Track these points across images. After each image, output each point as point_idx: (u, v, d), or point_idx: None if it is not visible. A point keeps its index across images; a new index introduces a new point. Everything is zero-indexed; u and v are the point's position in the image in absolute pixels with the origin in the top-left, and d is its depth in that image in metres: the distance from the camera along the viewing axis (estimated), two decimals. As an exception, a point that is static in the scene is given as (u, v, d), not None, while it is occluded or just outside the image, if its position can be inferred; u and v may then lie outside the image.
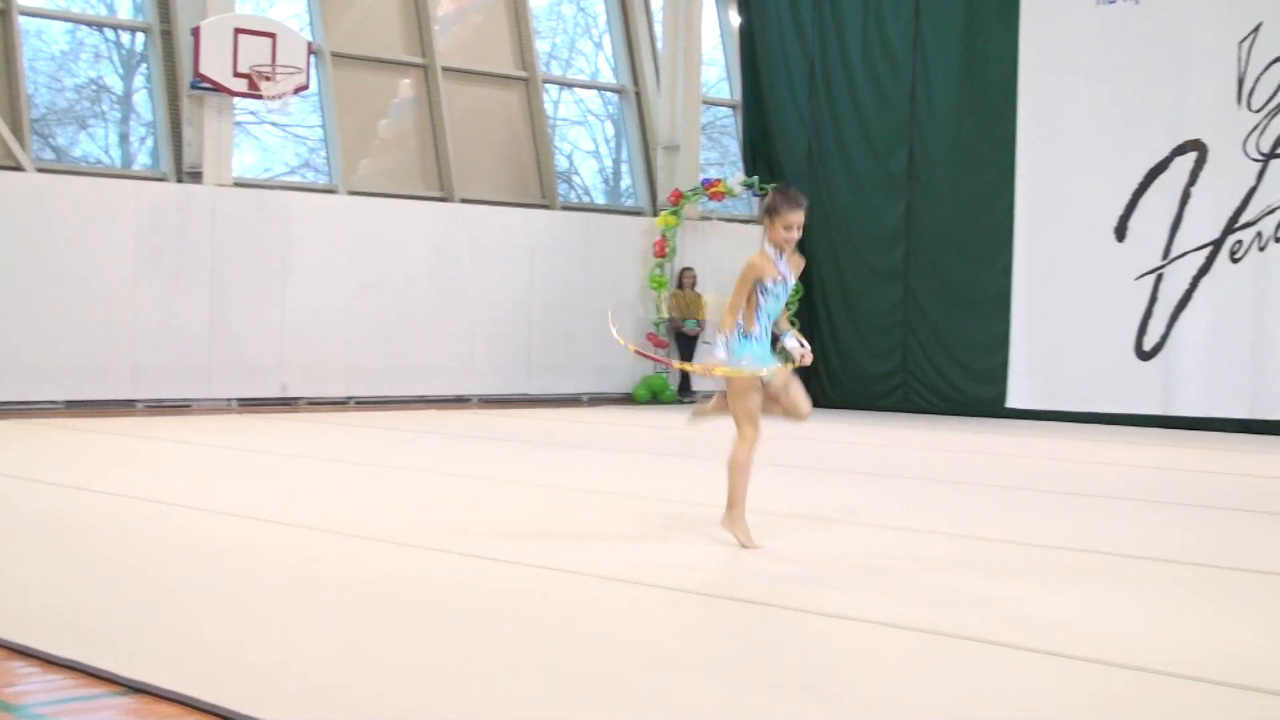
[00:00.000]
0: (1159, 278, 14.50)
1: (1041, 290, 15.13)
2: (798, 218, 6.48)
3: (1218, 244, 14.15)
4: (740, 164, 18.53)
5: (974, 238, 15.70)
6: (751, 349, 6.46)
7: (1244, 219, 13.96)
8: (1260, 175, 13.89)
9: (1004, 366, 15.37)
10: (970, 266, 15.75)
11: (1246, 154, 13.96)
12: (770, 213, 6.47)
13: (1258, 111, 13.91)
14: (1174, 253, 14.37)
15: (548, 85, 18.42)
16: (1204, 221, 14.22)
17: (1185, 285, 14.31)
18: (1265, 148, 13.87)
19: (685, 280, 17.83)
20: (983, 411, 15.50)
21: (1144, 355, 14.53)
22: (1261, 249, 13.89)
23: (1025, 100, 15.29)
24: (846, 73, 16.88)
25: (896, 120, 16.47)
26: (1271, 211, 13.84)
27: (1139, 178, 14.56)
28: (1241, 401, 13.91)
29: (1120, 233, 14.71)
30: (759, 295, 6.47)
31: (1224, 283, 14.08)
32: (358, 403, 16.10)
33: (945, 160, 16.06)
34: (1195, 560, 6.72)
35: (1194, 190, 14.27)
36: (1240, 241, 13.93)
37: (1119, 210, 14.69)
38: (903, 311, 16.42)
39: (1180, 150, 14.35)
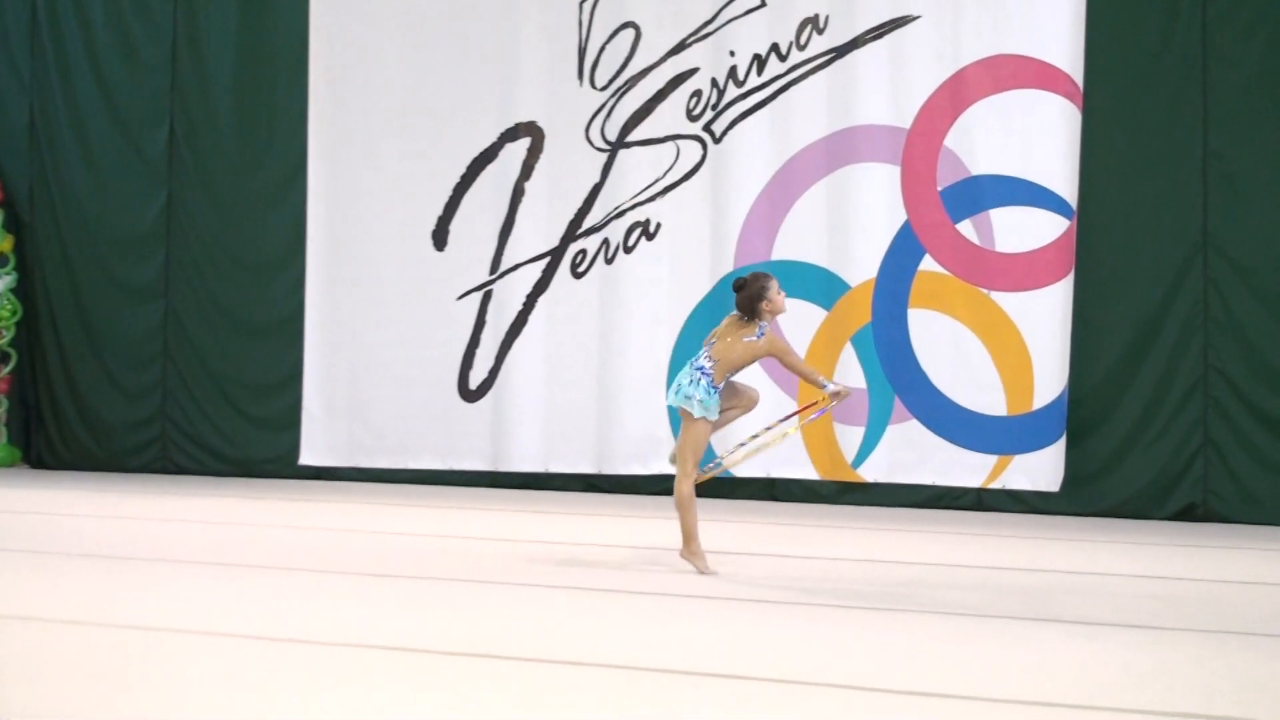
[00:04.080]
0: (487, 296, 13.86)
1: (343, 313, 14.24)
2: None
3: (557, 254, 13.65)
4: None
5: (257, 244, 14.64)
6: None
7: (588, 223, 13.54)
8: (606, 169, 13.47)
9: (296, 411, 14.37)
10: (252, 281, 14.68)
11: (590, 142, 13.51)
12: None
13: (602, 90, 13.50)
14: (505, 265, 13.81)
15: None
16: (540, 225, 13.72)
17: (519, 306, 13.77)
18: (612, 135, 13.43)
19: None
20: (269, 471, 14.51)
21: (470, 395, 13.93)
22: (609, 260, 13.43)
23: (318, 68, 14.35)
24: (82, 20, 15.34)
25: (153, 87, 15.09)
26: (620, 214, 13.40)
27: (461, 169, 13.92)
28: (585, 454, 13.57)
29: (439, 239, 13.99)
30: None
31: (564, 303, 13.72)
32: None
33: (220, 143, 14.91)
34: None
35: (528, 186, 13.73)
36: (584, 252, 13.52)
37: (437, 210, 14.01)
38: (163, 340, 15.07)
39: (511, 135, 13.77)
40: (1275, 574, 9.21)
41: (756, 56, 12.97)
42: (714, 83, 13.11)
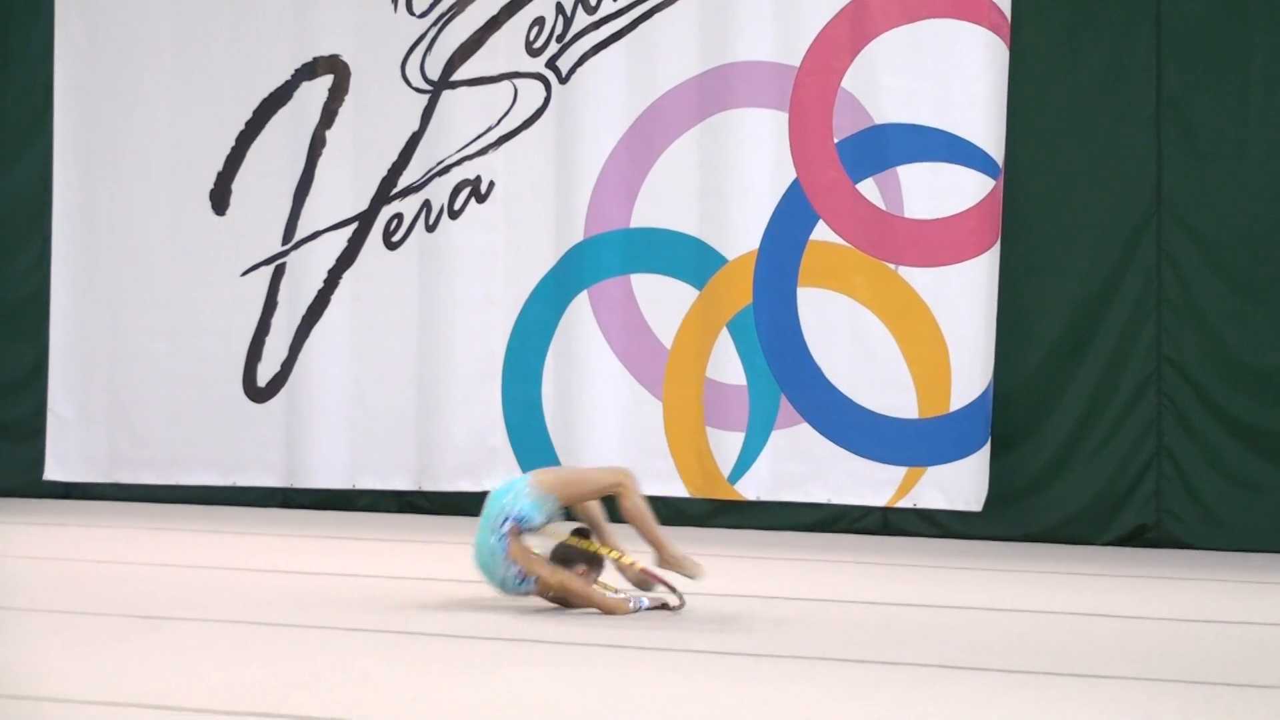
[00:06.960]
0: (279, 271, 13.87)
1: (99, 293, 14.20)
2: None
3: (366, 219, 13.67)
4: None
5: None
6: None
7: (405, 181, 13.57)
8: (428, 114, 13.49)
9: (40, 415, 14.31)
10: (-16, 255, 14.51)
11: (407, 81, 13.54)
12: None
13: (422, 17, 13.50)
14: (301, 233, 13.81)
15: None
16: (345, 184, 13.73)
17: (319, 284, 13.80)
18: (434, 73, 13.45)
19: None
20: (7, 489, 14.33)
21: (258, 395, 13.97)
22: (430, 228, 13.43)
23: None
24: None
25: None
26: (445, 170, 13.42)
27: (246, 114, 13.92)
28: (402, 467, 13.66)
29: (219, 201, 13.97)
30: None
31: (376, 280, 13.75)
32: None
33: (-62, 79, 14.75)
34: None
35: (330, 135, 13.73)
36: (399, 216, 13.53)
37: (217, 165, 14.00)
38: None
39: (308, 72, 13.75)
40: (1243, 610, 9.24)
41: (612, -24, 13.05)
42: (560, 8, 13.17)
